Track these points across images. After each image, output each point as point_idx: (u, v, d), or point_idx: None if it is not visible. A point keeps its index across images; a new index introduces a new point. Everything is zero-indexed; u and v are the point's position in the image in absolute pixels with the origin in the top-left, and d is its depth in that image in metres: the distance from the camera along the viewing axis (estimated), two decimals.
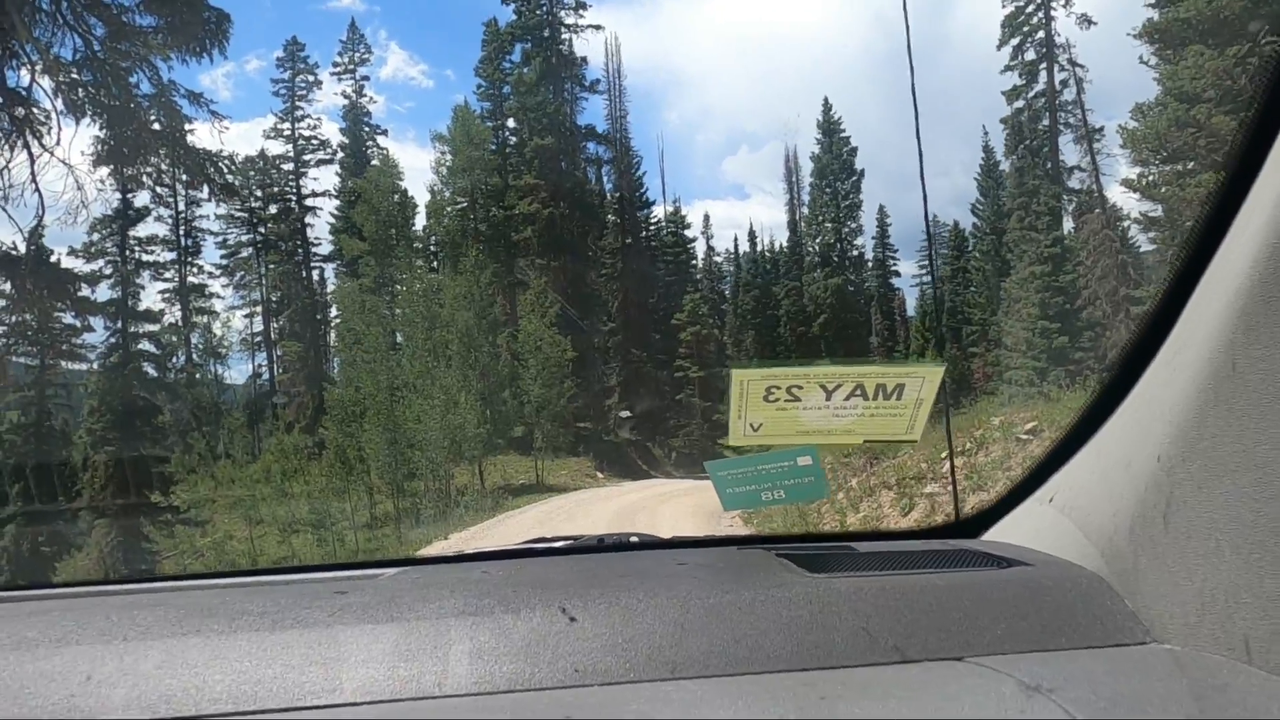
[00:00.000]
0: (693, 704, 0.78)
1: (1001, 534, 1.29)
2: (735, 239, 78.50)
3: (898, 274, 61.72)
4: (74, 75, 18.20)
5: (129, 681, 0.85)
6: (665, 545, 1.40)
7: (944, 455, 8.76)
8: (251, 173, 47.07)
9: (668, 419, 40.46)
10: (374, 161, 38.95)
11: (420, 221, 37.56)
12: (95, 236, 30.25)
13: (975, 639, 0.89)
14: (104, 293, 27.87)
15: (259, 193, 47.28)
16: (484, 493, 24.65)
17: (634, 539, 1.37)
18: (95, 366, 28.48)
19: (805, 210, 57.57)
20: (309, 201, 46.32)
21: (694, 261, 55.79)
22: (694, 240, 56.10)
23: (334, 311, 42.03)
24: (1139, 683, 0.81)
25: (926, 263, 71.79)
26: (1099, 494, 1.05)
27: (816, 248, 54.30)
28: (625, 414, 37.45)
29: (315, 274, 46.66)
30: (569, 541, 1.34)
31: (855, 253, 53.91)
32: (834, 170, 53.15)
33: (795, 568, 1.06)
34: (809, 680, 0.83)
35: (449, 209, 34.98)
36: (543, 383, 27.82)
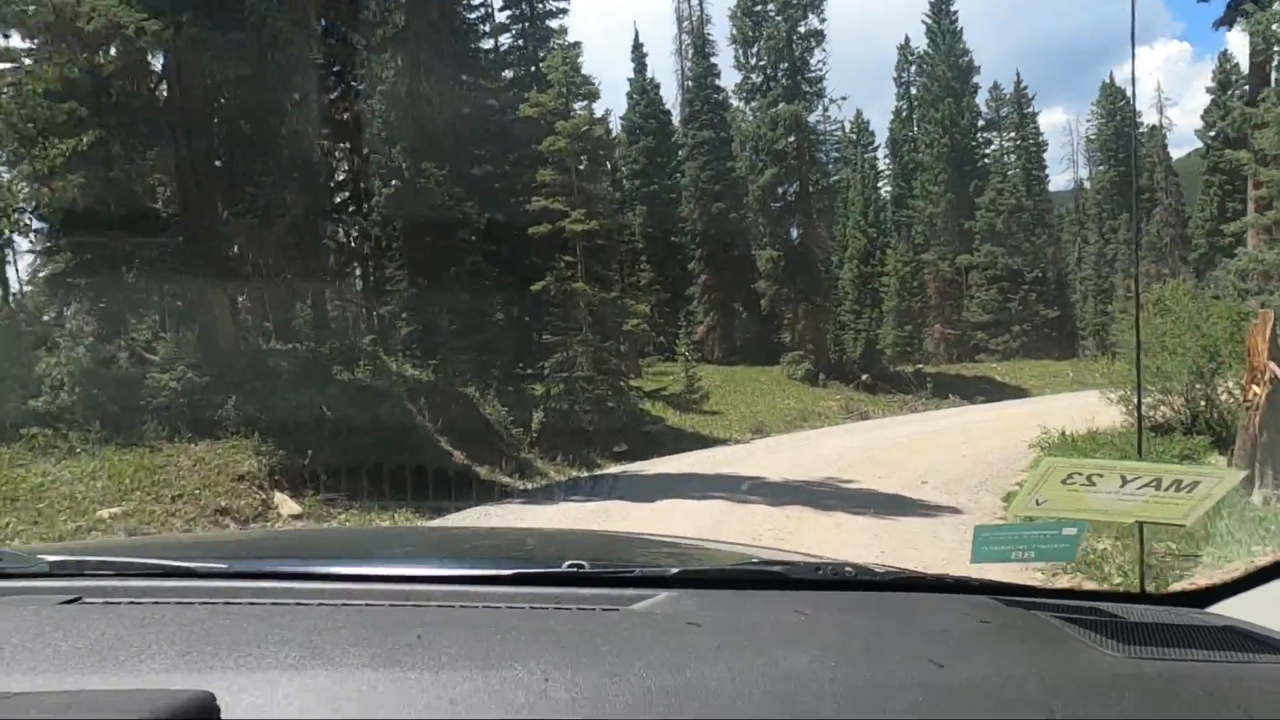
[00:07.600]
0: None
1: (1243, 611, 1.24)
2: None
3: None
4: None
5: None
6: (908, 585, 1.35)
7: None
8: None
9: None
10: None
11: None
12: None
13: None
14: None
15: None
16: None
17: (877, 568, 1.39)
18: None
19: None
20: None
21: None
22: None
23: None
24: None
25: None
26: None
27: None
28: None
29: None
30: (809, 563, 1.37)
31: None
32: None
33: (1099, 639, 1.08)
34: None
35: None
36: None
